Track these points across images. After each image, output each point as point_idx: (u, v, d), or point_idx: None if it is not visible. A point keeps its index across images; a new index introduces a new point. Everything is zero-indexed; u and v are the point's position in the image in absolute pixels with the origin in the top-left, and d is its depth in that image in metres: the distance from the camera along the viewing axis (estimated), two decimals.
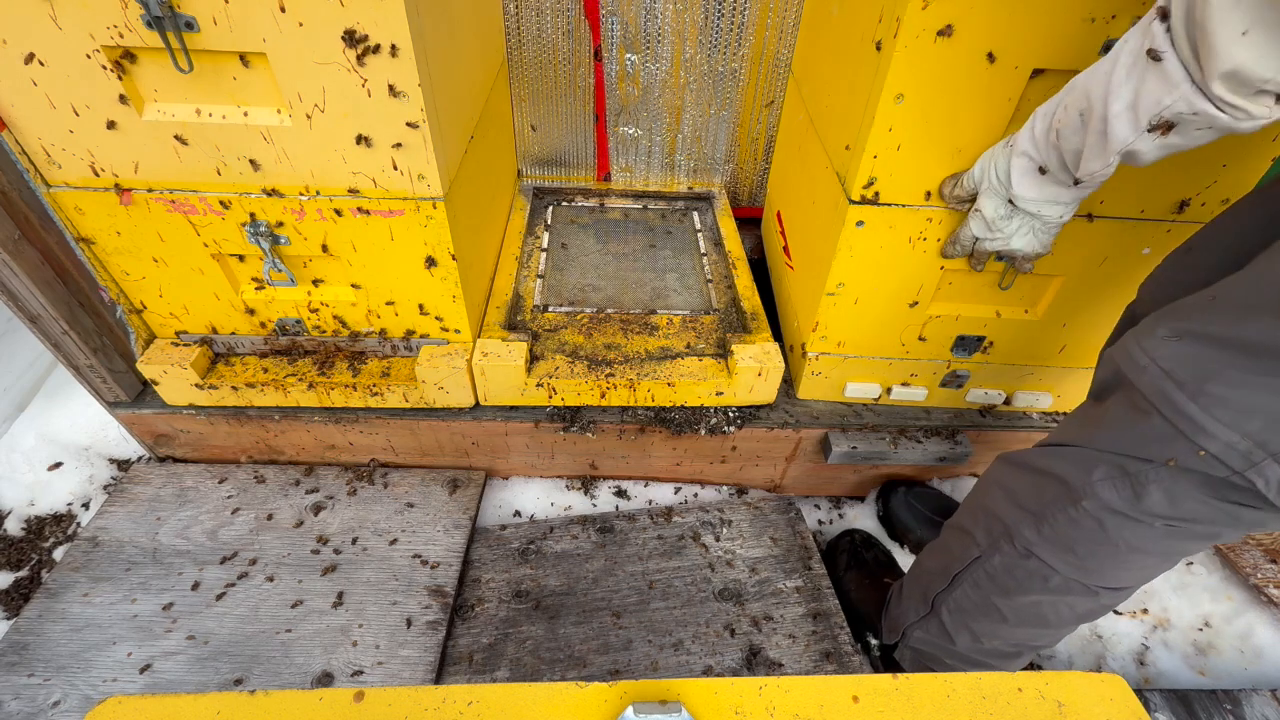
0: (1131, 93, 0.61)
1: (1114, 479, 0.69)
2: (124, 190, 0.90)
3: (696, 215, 1.58)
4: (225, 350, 1.14)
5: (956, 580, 0.86)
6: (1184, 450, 0.64)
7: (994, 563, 0.81)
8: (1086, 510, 0.71)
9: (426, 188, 0.90)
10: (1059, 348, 1.14)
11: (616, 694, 0.56)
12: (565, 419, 1.17)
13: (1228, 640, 1.19)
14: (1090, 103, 0.66)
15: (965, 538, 0.86)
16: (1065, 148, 0.71)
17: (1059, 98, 0.72)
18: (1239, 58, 0.52)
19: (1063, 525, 0.74)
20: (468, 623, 1.07)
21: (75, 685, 0.95)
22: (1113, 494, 0.70)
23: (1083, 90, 0.67)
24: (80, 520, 1.24)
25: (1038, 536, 0.76)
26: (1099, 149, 0.67)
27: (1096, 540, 0.72)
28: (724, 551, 1.19)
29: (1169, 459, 0.65)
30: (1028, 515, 0.77)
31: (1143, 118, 0.61)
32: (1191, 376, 0.63)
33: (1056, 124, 0.71)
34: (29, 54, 0.77)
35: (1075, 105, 0.68)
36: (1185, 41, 0.56)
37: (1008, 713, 0.57)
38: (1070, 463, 0.74)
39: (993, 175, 0.82)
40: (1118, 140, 0.64)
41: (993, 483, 0.84)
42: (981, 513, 0.84)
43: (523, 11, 1.36)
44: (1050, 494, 0.75)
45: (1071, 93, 0.69)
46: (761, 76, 1.48)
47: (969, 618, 0.87)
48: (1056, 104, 0.72)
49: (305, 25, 0.74)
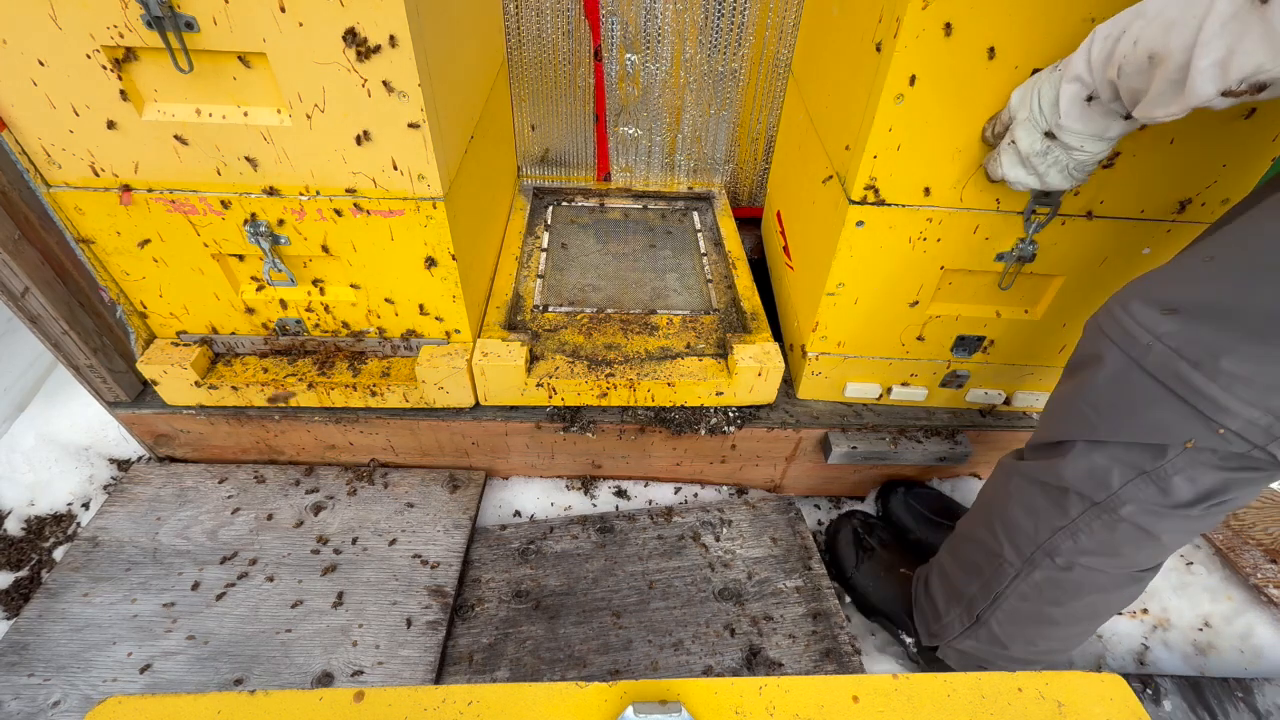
0: (1224, 49, 0.52)
1: (1135, 482, 0.68)
2: (125, 190, 0.90)
3: (696, 215, 1.58)
4: (225, 350, 1.14)
5: (1001, 597, 0.86)
6: (1201, 430, 0.62)
7: (1035, 578, 0.81)
8: (1121, 516, 0.71)
9: (426, 188, 0.90)
10: (1059, 348, 1.14)
11: (616, 694, 0.56)
12: (565, 419, 1.17)
13: (1228, 640, 1.19)
14: (1169, 48, 0.56)
15: (994, 558, 0.85)
16: (1124, 84, 0.63)
17: (1126, 21, 0.62)
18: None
19: (1100, 533, 0.73)
20: (468, 623, 1.07)
21: (75, 685, 0.95)
22: (1140, 496, 0.69)
23: (1161, 28, 0.57)
24: (80, 520, 1.24)
25: (1075, 548, 0.76)
26: (1169, 97, 0.59)
27: (1137, 540, 0.72)
28: (724, 551, 1.19)
29: (1186, 440, 0.64)
30: (1060, 531, 0.76)
31: (1233, 76, 0.53)
32: (1205, 354, 0.60)
33: (1120, 59, 0.62)
34: (29, 54, 0.77)
35: (1147, 43, 0.58)
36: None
37: (1008, 713, 0.57)
38: (1084, 473, 0.72)
39: (1035, 103, 0.74)
40: (1198, 96, 0.56)
41: (1007, 497, 0.83)
42: (1002, 528, 0.83)
43: (523, 11, 1.36)
44: (1076, 509, 0.74)
45: (1144, 21, 0.59)
46: (761, 76, 1.48)
47: (1023, 626, 0.86)
48: (1122, 30, 0.62)
49: (305, 25, 0.74)
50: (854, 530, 1.20)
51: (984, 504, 0.90)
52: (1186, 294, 0.62)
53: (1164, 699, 1.04)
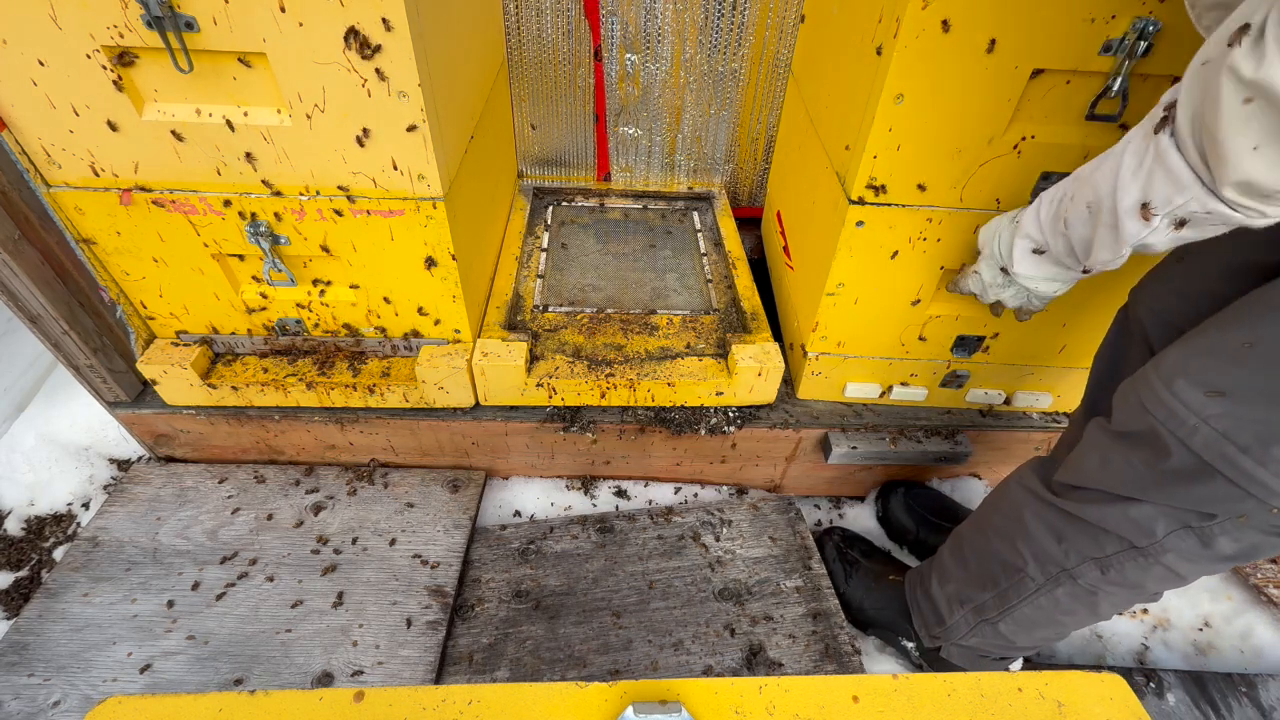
0: (1139, 191, 0.60)
1: (1179, 533, 0.71)
2: (125, 190, 0.90)
3: (696, 215, 1.58)
4: (225, 350, 1.14)
5: (1016, 607, 0.88)
6: (1254, 508, 0.65)
7: (1057, 594, 0.83)
8: (1157, 561, 0.73)
9: (426, 188, 0.90)
10: (1059, 348, 1.14)
11: (616, 694, 0.56)
12: (565, 419, 1.17)
13: (1228, 640, 1.19)
14: (1099, 197, 0.65)
15: (1015, 572, 0.86)
16: (1074, 236, 0.71)
17: (1065, 186, 0.72)
18: (1251, 170, 0.51)
19: (1132, 572, 0.76)
20: (468, 623, 1.07)
21: (75, 685, 0.95)
22: (1182, 547, 0.71)
23: (1090, 183, 0.66)
24: (80, 520, 1.24)
25: (1103, 580, 0.78)
26: (1109, 242, 0.66)
27: (1166, 579, 0.75)
28: (724, 551, 1.19)
29: (1240, 515, 0.66)
30: (1090, 562, 0.78)
31: (1154, 215, 0.60)
32: (1255, 440, 0.62)
33: (1064, 213, 0.71)
34: (29, 54, 0.77)
35: (1082, 197, 0.67)
36: (1194, 148, 0.55)
37: (1008, 712, 0.57)
38: (1129, 520, 0.73)
39: (995, 246, 0.84)
40: (1130, 236, 0.63)
41: (1034, 520, 0.83)
42: (1028, 548, 0.84)
43: (523, 11, 1.36)
44: (1113, 547, 0.76)
45: (1078, 183, 0.69)
46: (761, 76, 1.48)
47: (1032, 628, 0.89)
48: (1062, 193, 0.72)
49: (305, 25, 0.74)
50: (835, 546, 1.20)
51: (1001, 520, 0.89)
52: (1232, 378, 0.64)
53: (1167, 693, 1.04)
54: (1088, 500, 0.77)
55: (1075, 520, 0.79)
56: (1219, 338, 0.66)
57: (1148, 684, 1.06)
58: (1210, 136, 0.52)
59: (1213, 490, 0.65)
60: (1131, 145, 0.61)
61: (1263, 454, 0.61)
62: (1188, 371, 0.66)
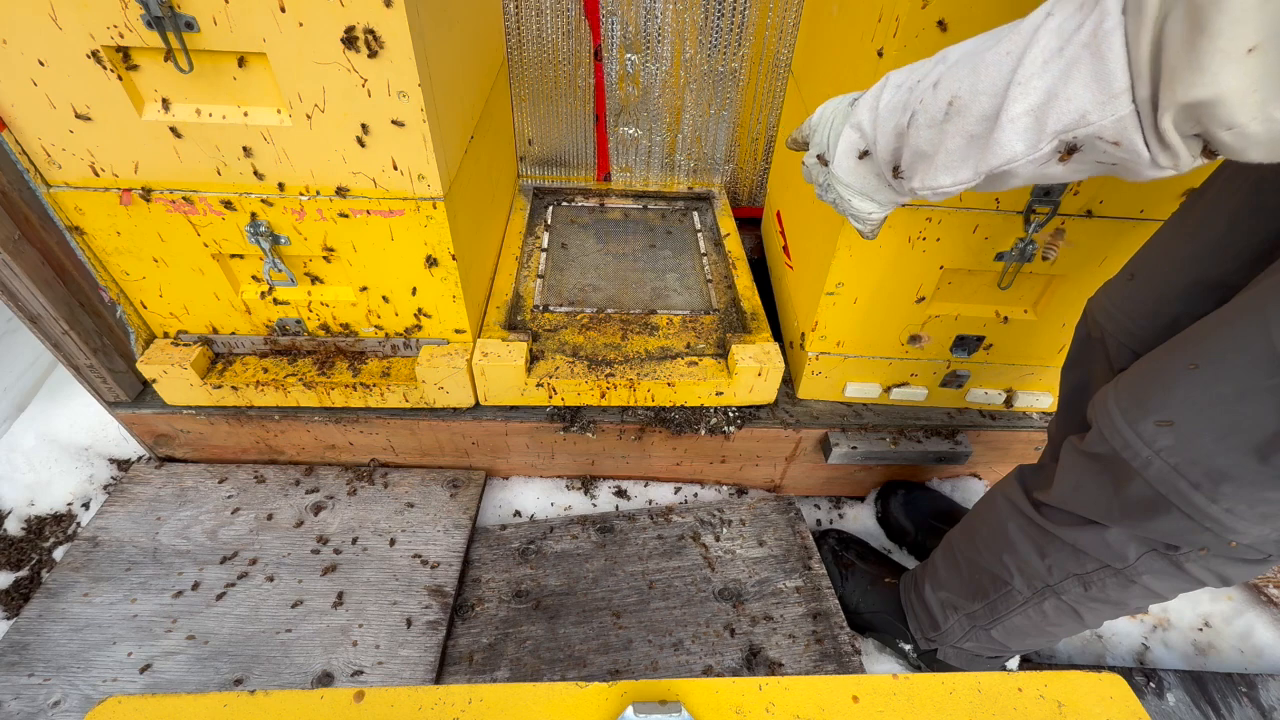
0: (1043, 92, 0.43)
1: (1151, 556, 0.71)
2: (125, 190, 0.90)
3: (696, 215, 1.58)
4: (225, 350, 1.14)
5: (1005, 617, 0.89)
6: (1212, 541, 0.64)
7: (1044, 607, 0.83)
8: (1135, 581, 0.73)
9: (426, 188, 0.90)
10: (1059, 348, 1.13)
11: (616, 694, 0.56)
12: (565, 419, 1.17)
13: (1228, 640, 1.19)
14: (974, 90, 0.47)
15: (1002, 585, 0.87)
16: (911, 140, 0.53)
17: (926, 67, 0.53)
18: (1227, 84, 0.36)
19: (1113, 590, 0.76)
20: (468, 623, 1.07)
21: (75, 685, 0.95)
22: (1156, 568, 0.71)
23: (969, 69, 0.47)
24: (80, 520, 1.24)
25: (1085, 596, 0.79)
26: (963, 158, 0.49)
27: (1147, 596, 0.76)
28: (724, 551, 1.19)
29: (1201, 548, 0.66)
30: (1073, 578, 0.79)
31: (1050, 128, 0.43)
32: (1205, 476, 0.60)
33: (914, 103, 0.52)
34: (29, 54, 0.77)
35: (949, 87, 0.49)
36: (1149, 39, 0.38)
37: (1008, 712, 0.57)
38: (1104, 543, 0.73)
39: (825, 135, 0.64)
40: (1001, 153, 0.46)
41: (1018, 535, 0.84)
42: (1014, 563, 0.84)
43: (523, 11, 1.36)
44: (1092, 565, 0.76)
45: (948, 66, 0.50)
46: (761, 76, 1.48)
47: (1024, 635, 0.90)
48: (919, 76, 0.53)
49: (305, 25, 0.74)
50: (831, 549, 1.20)
51: (988, 532, 0.89)
52: (1179, 405, 0.60)
53: (1167, 692, 1.04)
54: (1064, 522, 0.78)
55: (1053, 537, 0.79)
56: (1167, 362, 0.64)
57: (1148, 684, 1.06)
58: (1194, 20, 0.36)
59: (1171, 523, 0.65)
60: (1054, 20, 0.43)
61: (1213, 490, 0.60)
62: (1137, 399, 0.65)
